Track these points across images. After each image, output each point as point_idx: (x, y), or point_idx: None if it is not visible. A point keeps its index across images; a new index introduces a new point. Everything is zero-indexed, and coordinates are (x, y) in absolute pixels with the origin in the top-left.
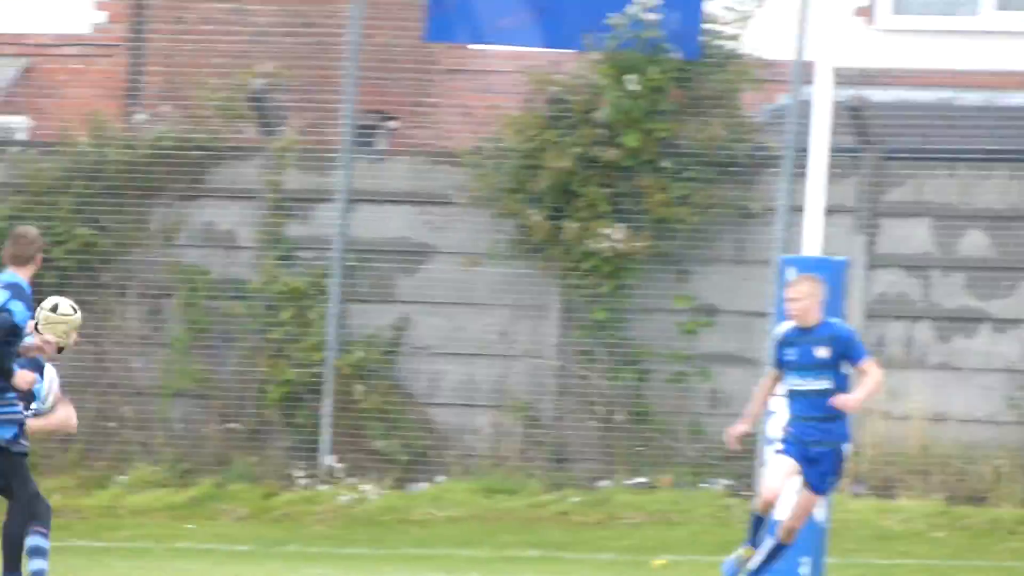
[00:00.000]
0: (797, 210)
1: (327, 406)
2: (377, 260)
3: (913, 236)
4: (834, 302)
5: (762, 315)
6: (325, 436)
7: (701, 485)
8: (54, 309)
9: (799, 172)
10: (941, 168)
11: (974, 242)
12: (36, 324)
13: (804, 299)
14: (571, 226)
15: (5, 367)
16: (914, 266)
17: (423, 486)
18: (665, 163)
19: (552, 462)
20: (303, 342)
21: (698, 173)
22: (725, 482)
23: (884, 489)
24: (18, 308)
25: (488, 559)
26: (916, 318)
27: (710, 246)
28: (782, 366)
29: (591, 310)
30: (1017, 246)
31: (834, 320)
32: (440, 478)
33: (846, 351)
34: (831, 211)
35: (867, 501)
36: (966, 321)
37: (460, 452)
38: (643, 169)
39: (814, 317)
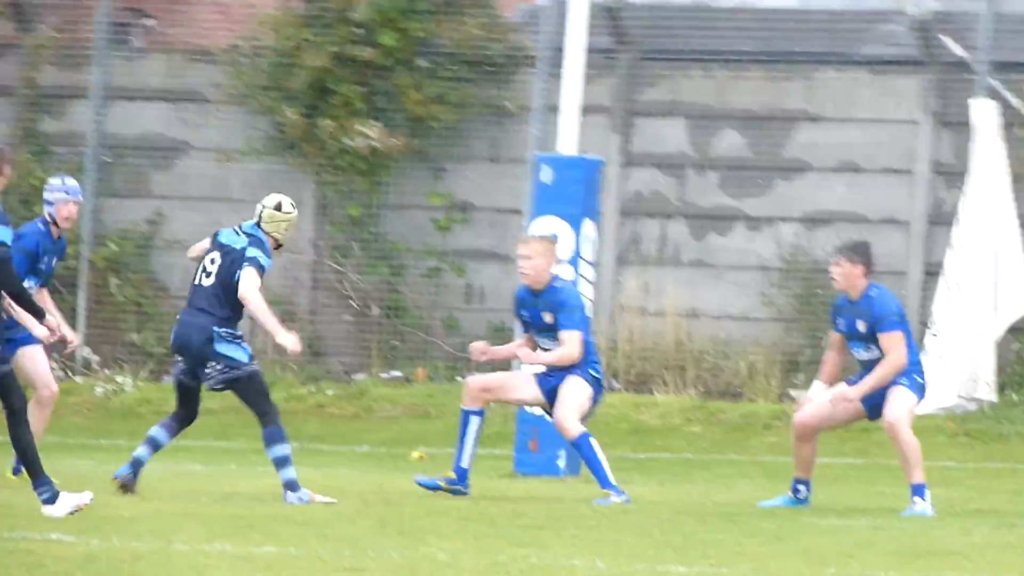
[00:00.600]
0: (553, 109)
1: (82, 299)
2: (132, 156)
3: (668, 136)
4: (590, 200)
5: (517, 212)
6: (80, 329)
7: (456, 379)
8: (278, 207)
9: (555, 72)
10: (696, 69)
11: (729, 142)
12: (259, 221)
13: (536, 258)
14: (327, 124)
15: (16, 290)
16: (669, 165)
17: (129, 383)
18: (421, 62)
19: (308, 356)
20: None
21: (454, 72)
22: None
23: (640, 384)
24: (2, 232)
25: (245, 451)
26: (670, 216)
27: (465, 144)
28: (523, 324)
29: (346, 206)
30: (771, 146)
31: (560, 284)
32: (166, 378)
33: (560, 316)
34: (587, 110)
35: (624, 396)
36: (720, 219)
37: None
38: (399, 68)
39: (543, 279)
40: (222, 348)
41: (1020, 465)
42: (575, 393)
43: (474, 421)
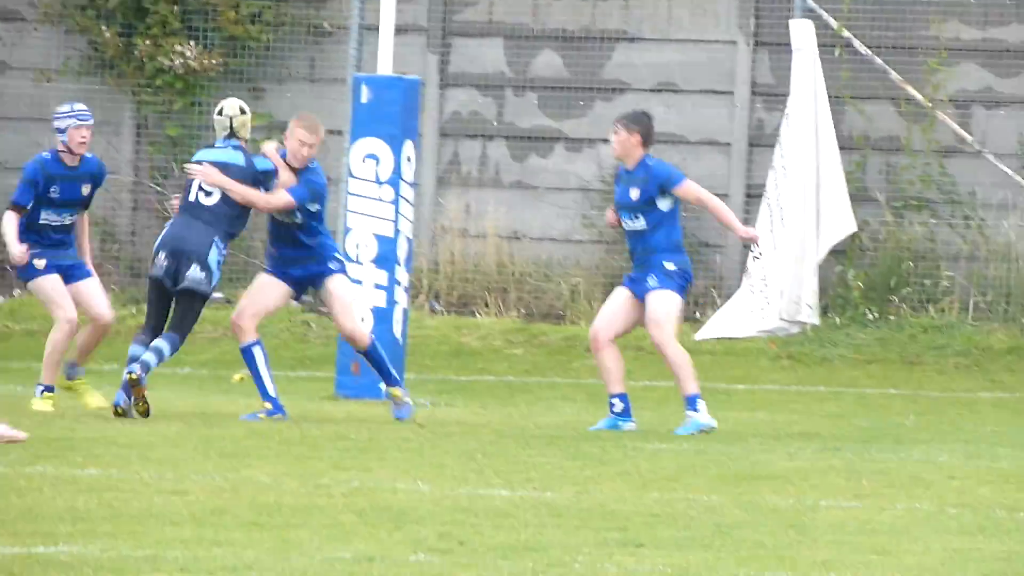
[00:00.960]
0: (370, 29)
1: None
2: None
3: (486, 55)
4: (410, 121)
5: (337, 133)
6: None
7: None
8: (243, 111)
9: None
10: None
11: (547, 62)
12: (231, 132)
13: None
14: (143, 43)
15: None
16: (487, 85)
17: (0, 300)
18: None
19: (129, 277)
20: None
21: None
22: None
23: (462, 307)
24: None
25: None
26: (490, 137)
27: (283, 64)
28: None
29: (165, 127)
30: (589, 66)
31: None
32: (17, 292)
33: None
34: (404, 30)
35: (445, 319)
36: (540, 140)
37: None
38: None
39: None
40: (212, 260)
41: (843, 388)
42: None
43: (257, 352)
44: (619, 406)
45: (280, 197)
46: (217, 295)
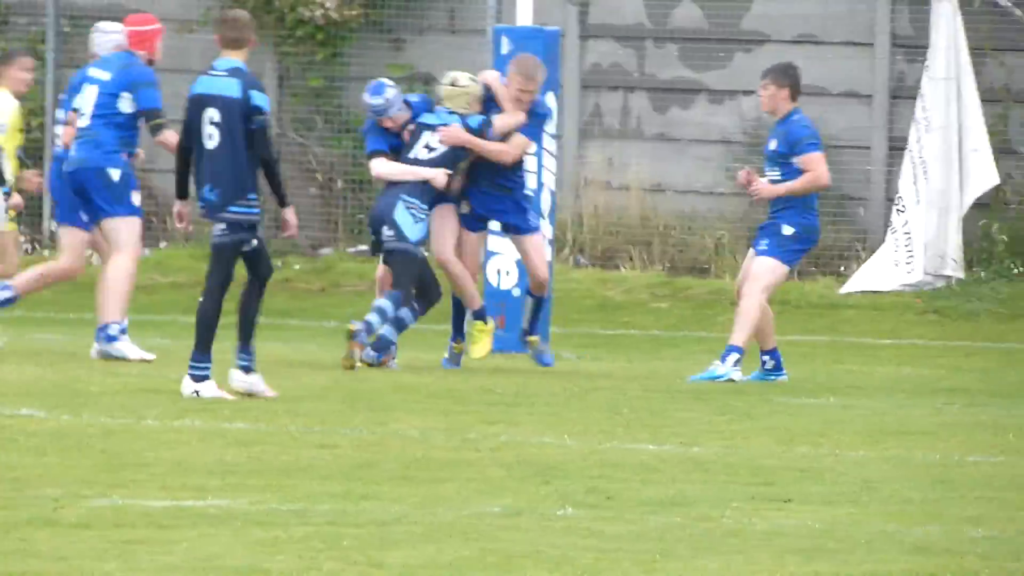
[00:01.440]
0: None
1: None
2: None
3: (626, 6)
4: (551, 73)
5: None
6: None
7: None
8: (453, 83)
9: None
10: None
11: (687, 13)
12: (440, 100)
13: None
14: None
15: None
16: (628, 37)
17: (146, 252)
18: None
19: (273, 230)
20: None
21: None
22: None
23: (607, 260)
24: (261, 99)
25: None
26: (631, 88)
27: (424, 15)
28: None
29: (307, 78)
30: (729, 17)
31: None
32: (163, 244)
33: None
34: None
35: (589, 272)
36: (681, 92)
37: None
38: None
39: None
40: (398, 217)
41: (989, 343)
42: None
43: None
44: (770, 363)
45: (519, 143)
46: (403, 246)
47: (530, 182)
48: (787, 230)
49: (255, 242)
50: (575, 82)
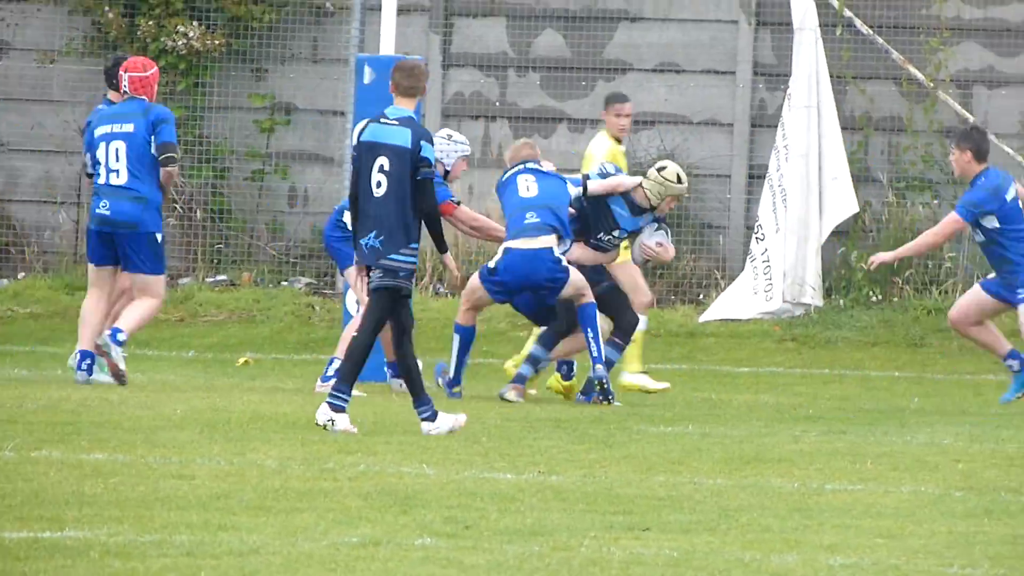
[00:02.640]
0: (372, 9)
1: None
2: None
3: (488, 35)
4: None
5: (340, 113)
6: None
7: (282, 283)
8: (660, 170)
9: None
10: None
11: (549, 42)
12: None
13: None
14: (146, 23)
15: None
16: (490, 66)
17: (4, 282)
18: None
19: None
20: None
21: None
22: (306, 280)
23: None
24: (430, 151)
25: (69, 355)
26: (493, 117)
27: (287, 44)
28: None
29: (168, 108)
30: (592, 46)
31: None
32: (21, 275)
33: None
34: (406, 9)
35: (449, 301)
36: (543, 121)
37: (40, 249)
38: None
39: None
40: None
41: (847, 371)
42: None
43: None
44: (1015, 364)
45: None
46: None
47: None
48: None
49: (406, 290)
50: (437, 111)
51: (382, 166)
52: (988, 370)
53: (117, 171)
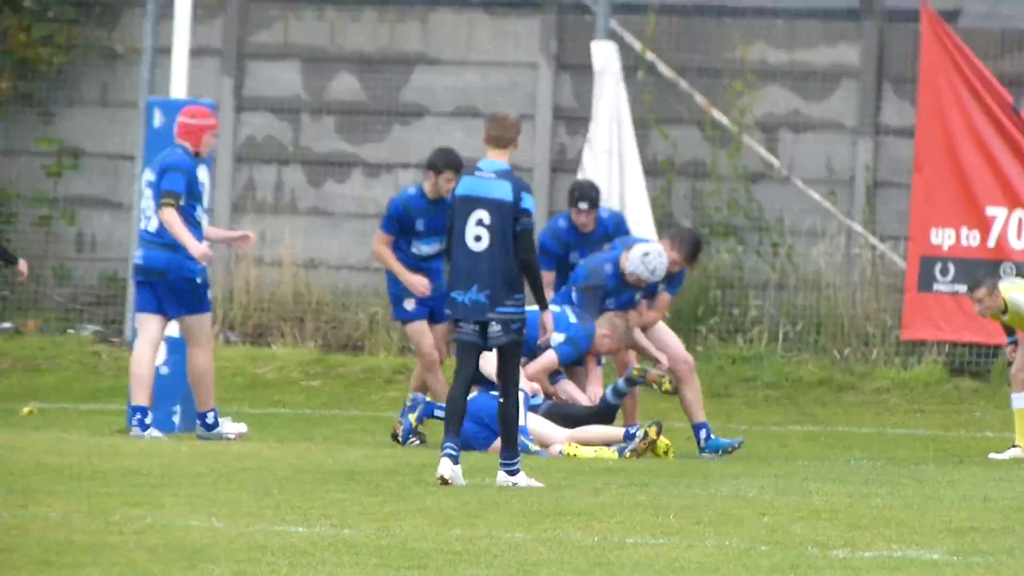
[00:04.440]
0: (163, 52)
1: None
2: None
3: (281, 78)
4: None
5: (129, 158)
6: None
7: (69, 331)
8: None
9: (165, 13)
10: (309, 9)
11: (344, 86)
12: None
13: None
14: None
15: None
16: (283, 109)
17: None
18: (27, 2)
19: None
20: None
21: (61, 13)
22: (94, 328)
23: (257, 336)
24: (530, 202)
25: None
26: (286, 162)
27: (75, 87)
28: None
29: None
30: (387, 89)
31: None
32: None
33: None
34: (198, 52)
35: (240, 349)
36: (337, 166)
37: None
38: (5, 9)
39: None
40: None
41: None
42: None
43: None
44: None
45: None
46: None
47: None
48: None
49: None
50: (228, 155)
51: (480, 220)
52: (794, 421)
53: (149, 217)
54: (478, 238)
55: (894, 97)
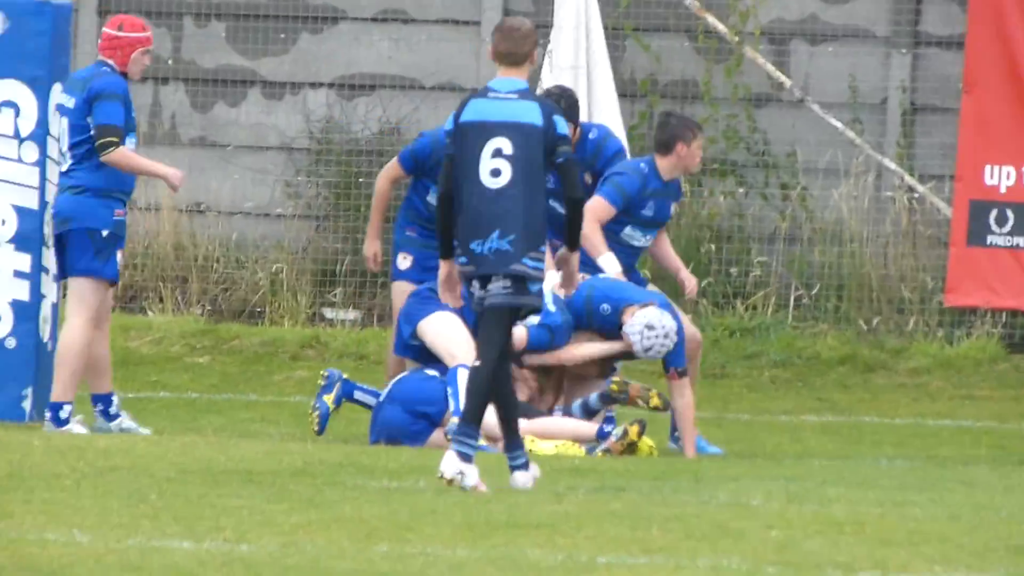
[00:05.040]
0: None
1: None
2: None
3: None
4: (59, 59)
5: None
6: None
7: None
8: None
9: None
10: None
11: None
12: None
13: None
14: None
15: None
16: (159, 12)
17: None
18: None
19: None
20: None
21: None
22: None
23: (128, 301)
24: (565, 126)
25: None
26: (164, 79)
27: None
28: None
29: None
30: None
31: None
32: None
33: None
34: None
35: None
36: (230, 84)
37: None
38: None
39: None
40: None
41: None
42: None
43: None
44: None
45: None
46: None
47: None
48: None
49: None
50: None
51: (499, 150)
52: (808, 409)
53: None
54: (496, 172)
55: None
